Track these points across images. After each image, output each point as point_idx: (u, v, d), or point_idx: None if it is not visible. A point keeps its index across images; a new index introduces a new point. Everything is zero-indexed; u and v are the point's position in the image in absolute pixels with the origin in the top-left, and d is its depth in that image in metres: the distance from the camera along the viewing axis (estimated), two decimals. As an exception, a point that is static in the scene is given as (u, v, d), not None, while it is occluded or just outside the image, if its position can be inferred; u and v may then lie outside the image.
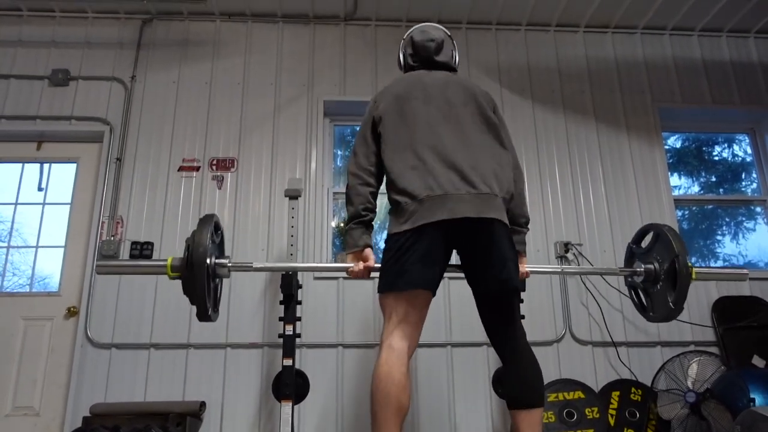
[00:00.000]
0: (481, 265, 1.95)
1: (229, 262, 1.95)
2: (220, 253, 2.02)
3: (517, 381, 1.91)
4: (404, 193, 1.90)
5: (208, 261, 1.81)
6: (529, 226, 2.19)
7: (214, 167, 3.99)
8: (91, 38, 4.25)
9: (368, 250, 2.00)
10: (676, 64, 4.53)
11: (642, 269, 2.17)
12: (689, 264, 2.01)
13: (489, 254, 1.91)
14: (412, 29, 2.36)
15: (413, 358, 3.61)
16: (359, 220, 2.02)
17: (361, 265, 1.98)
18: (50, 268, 3.87)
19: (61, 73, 4.09)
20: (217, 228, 1.99)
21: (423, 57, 2.27)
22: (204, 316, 1.82)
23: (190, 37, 4.32)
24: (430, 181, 1.88)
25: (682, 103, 4.42)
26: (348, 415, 3.53)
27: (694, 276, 2.03)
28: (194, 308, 3.75)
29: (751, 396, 3.11)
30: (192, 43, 4.30)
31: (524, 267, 2.13)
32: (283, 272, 3.20)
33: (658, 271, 2.10)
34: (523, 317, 3.23)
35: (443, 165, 1.91)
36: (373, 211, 2.03)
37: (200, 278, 1.77)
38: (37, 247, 3.91)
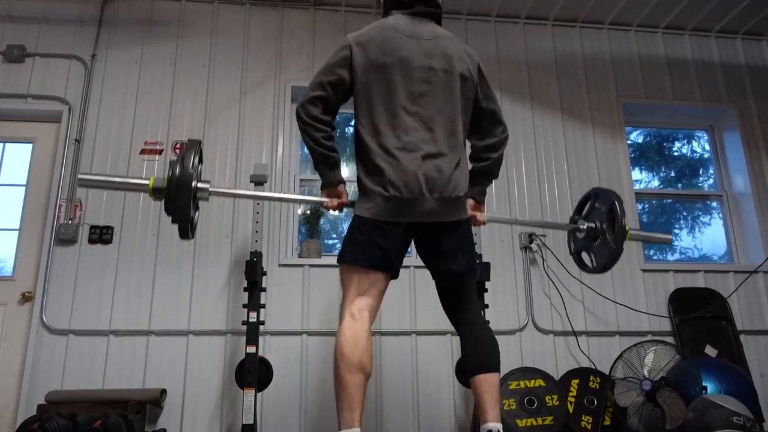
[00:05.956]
0: (434, 255, 2.05)
1: (210, 187, 2.03)
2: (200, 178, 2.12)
3: (474, 349, 1.98)
4: (374, 181, 1.92)
5: (193, 184, 1.92)
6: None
7: (177, 151, 3.90)
8: (50, 14, 4.09)
9: (341, 186, 2.08)
10: (640, 61, 4.62)
11: (585, 226, 2.41)
12: (626, 228, 2.25)
13: (444, 248, 2.01)
14: None
15: (379, 345, 3.63)
16: (329, 162, 2.05)
17: (335, 201, 2.07)
18: (3, 251, 3.73)
19: (16, 49, 3.92)
20: (200, 153, 2.07)
21: None
22: (185, 233, 1.95)
23: (154, 16, 4.19)
24: (399, 180, 1.89)
25: (645, 98, 4.52)
26: (312, 403, 3.52)
27: (628, 237, 2.27)
28: (155, 294, 3.66)
29: (704, 384, 3.23)
30: (156, 23, 4.17)
31: (482, 216, 2.21)
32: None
33: (597, 228, 2.36)
34: (486, 306, 3.32)
35: (415, 162, 1.91)
36: (337, 151, 2.05)
37: (185, 199, 1.88)
38: (-11, 229, 3.77)
